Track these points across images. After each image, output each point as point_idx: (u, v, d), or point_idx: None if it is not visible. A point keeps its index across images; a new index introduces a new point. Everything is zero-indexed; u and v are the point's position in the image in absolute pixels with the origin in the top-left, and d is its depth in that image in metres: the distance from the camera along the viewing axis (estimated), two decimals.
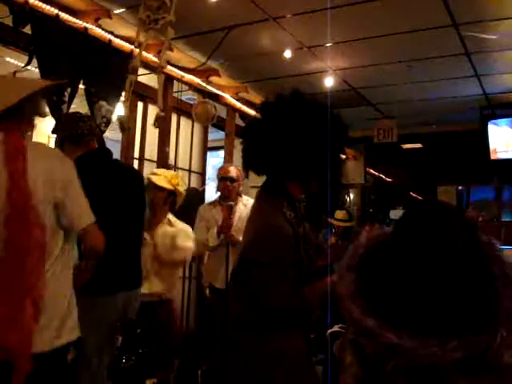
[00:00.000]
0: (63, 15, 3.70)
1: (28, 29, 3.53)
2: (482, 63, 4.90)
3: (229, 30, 4.27)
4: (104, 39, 4.05)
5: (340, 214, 6.05)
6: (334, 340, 1.00)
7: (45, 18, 3.57)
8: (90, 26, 3.89)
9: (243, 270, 1.98)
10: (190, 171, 5.70)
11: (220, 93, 5.47)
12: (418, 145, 8.21)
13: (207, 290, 4.27)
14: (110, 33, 4.10)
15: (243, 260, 2.02)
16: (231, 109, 5.80)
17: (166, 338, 3.82)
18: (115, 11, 3.99)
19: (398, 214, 8.00)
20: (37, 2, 3.48)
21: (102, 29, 4.01)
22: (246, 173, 2.57)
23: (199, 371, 4.30)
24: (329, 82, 5.27)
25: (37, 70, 3.60)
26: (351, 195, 8.35)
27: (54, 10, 3.62)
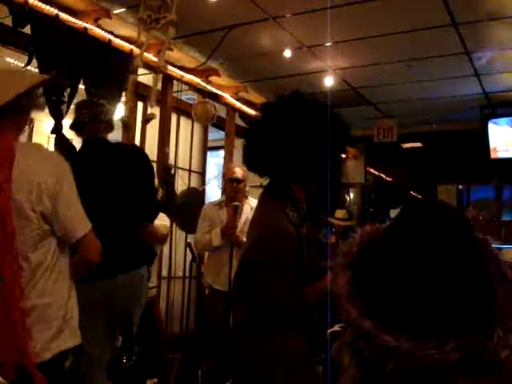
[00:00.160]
0: (63, 15, 3.70)
1: (28, 29, 3.53)
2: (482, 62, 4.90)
3: (229, 30, 4.27)
4: (104, 39, 4.05)
5: (340, 213, 6.06)
6: (334, 340, 1.00)
7: (44, 18, 3.57)
8: (89, 26, 3.89)
9: (245, 271, 1.99)
10: (190, 171, 5.70)
11: (220, 92, 5.48)
12: (418, 144, 8.21)
13: (207, 291, 4.27)
14: (110, 33, 4.10)
15: (245, 260, 2.03)
16: (231, 108, 5.80)
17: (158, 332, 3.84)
18: (115, 11, 3.99)
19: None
20: (36, 2, 3.48)
21: (102, 29, 4.01)
22: None
23: (199, 371, 4.31)
24: (329, 81, 5.27)
25: (37, 70, 3.60)
26: (351, 194, 8.35)
27: (53, 11, 3.62)
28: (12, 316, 1.62)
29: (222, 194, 4.37)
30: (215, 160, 6.80)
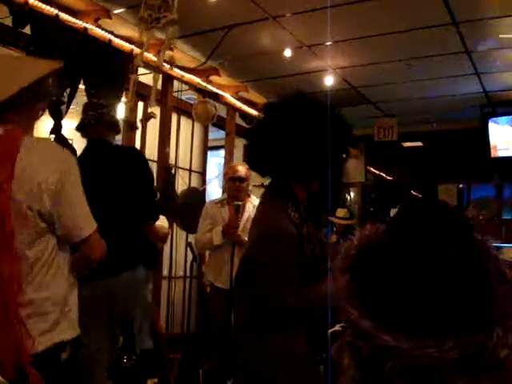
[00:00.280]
0: (63, 15, 3.70)
1: (28, 29, 3.53)
2: (482, 61, 4.90)
3: (229, 30, 4.27)
4: (104, 39, 4.05)
5: (341, 212, 6.06)
6: (335, 340, 1.00)
7: (44, 18, 3.57)
8: (89, 26, 3.89)
9: (246, 271, 1.99)
10: (191, 171, 5.70)
11: (220, 92, 5.48)
12: (419, 143, 8.20)
13: (208, 289, 4.26)
14: (110, 33, 4.10)
15: (246, 260, 2.03)
16: (231, 108, 5.80)
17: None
18: (115, 11, 3.99)
19: None
20: (36, 2, 3.48)
21: (102, 29, 4.01)
22: None
23: (200, 371, 4.31)
24: (329, 80, 5.27)
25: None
26: (352, 194, 8.35)
27: (53, 11, 3.62)
28: (10, 315, 1.61)
29: (224, 192, 4.34)
30: (216, 160, 6.81)
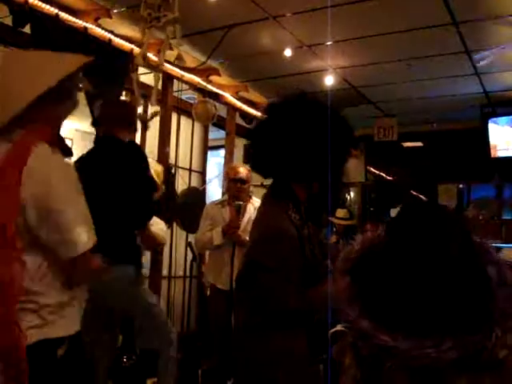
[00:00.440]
0: (63, 15, 3.70)
1: (28, 29, 3.53)
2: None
3: (229, 29, 4.27)
4: (104, 38, 4.05)
5: (341, 212, 6.06)
6: (336, 340, 1.00)
7: (44, 17, 3.57)
8: (89, 25, 3.88)
9: (248, 273, 1.99)
10: (191, 170, 5.70)
11: (220, 92, 5.47)
12: (419, 143, 8.21)
13: (208, 290, 4.26)
14: (110, 32, 4.10)
15: (248, 262, 2.03)
16: (231, 108, 5.80)
17: None
18: (115, 10, 3.99)
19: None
20: (36, 1, 3.48)
21: (102, 28, 4.01)
22: None
23: (199, 371, 4.30)
24: (329, 80, 5.27)
25: None
26: (352, 194, 8.35)
27: (53, 10, 3.62)
28: (10, 318, 1.61)
29: (224, 193, 4.34)
30: (216, 159, 6.80)
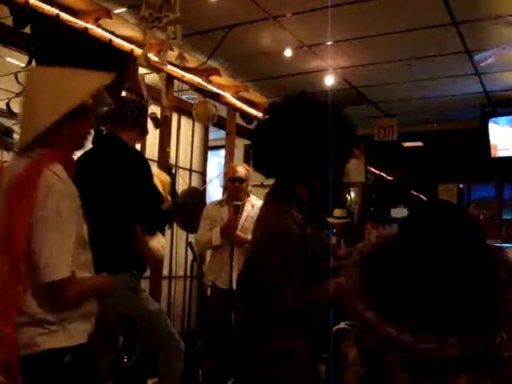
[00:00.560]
0: (63, 15, 3.70)
1: (28, 29, 3.54)
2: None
3: (229, 29, 4.27)
4: (104, 39, 4.05)
5: (338, 211, 6.06)
6: (340, 337, 1.01)
7: (45, 18, 3.57)
8: (90, 25, 3.89)
9: (250, 271, 1.99)
10: (191, 171, 5.70)
11: (220, 92, 5.47)
12: (419, 143, 8.21)
13: (208, 289, 4.27)
14: (111, 33, 4.10)
15: (250, 261, 2.03)
16: (232, 108, 5.80)
17: None
18: (115, 11, 3.99)
19: (398, 212, 8.02)
20: (37, 2, 3.48)
21: (103, 29, 4.01)
22: None
23: (200, 371, 4.30)
24: (329, 80, 5.27)
25: None
26: (352, 194, 8.35)
27: (54, 11, 3.62)
28: (11, 321, 1.64)
29: (224, 192, 4.35)
30: (216, 159, 6.81)
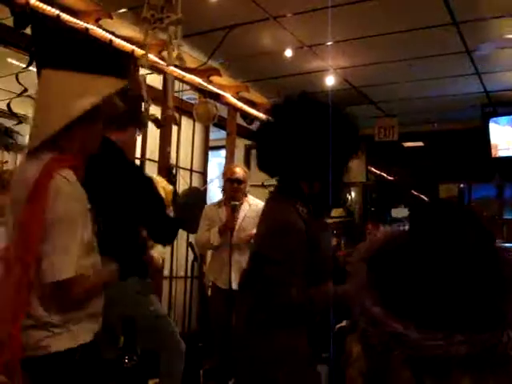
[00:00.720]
0: (64, 16, 3.70)
1: (29, 30, 3.54)
2: (483, 61, 4.90)
3: (229, 30, 4.27)
4: (105, 39, 4.05)
5: (337, 211, 6.06)
6: (342, 336, 1.01)
7: (46, 18, 3.58)
8: (90, 26, 3.89)
9: (255, 267, 1.99)
10: (192, 171, 5.70)
11: (221, 92, 5.47)
12: (420, 143, 8.20)
13: (209, 290, 4.29)
14: (111, 33, 4.10)
15: (255, 255, 2.03)
16: (232, 108, 5.80)
17: None
18: (116, 11, 3.99)
19: (399, 212, 8.01)
20: (37, 3, 3.49)
21: (103, 29, 4.01)
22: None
23: (201, 371, 4.30)
24: (330, 80, 5.27)
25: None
26: (353, 194, 8.35)
27: (54, 11, 3.62)
28: (16, 325, 1.64)
29: (222, 193, 4.37)
30: (216, 160, 6.81)
